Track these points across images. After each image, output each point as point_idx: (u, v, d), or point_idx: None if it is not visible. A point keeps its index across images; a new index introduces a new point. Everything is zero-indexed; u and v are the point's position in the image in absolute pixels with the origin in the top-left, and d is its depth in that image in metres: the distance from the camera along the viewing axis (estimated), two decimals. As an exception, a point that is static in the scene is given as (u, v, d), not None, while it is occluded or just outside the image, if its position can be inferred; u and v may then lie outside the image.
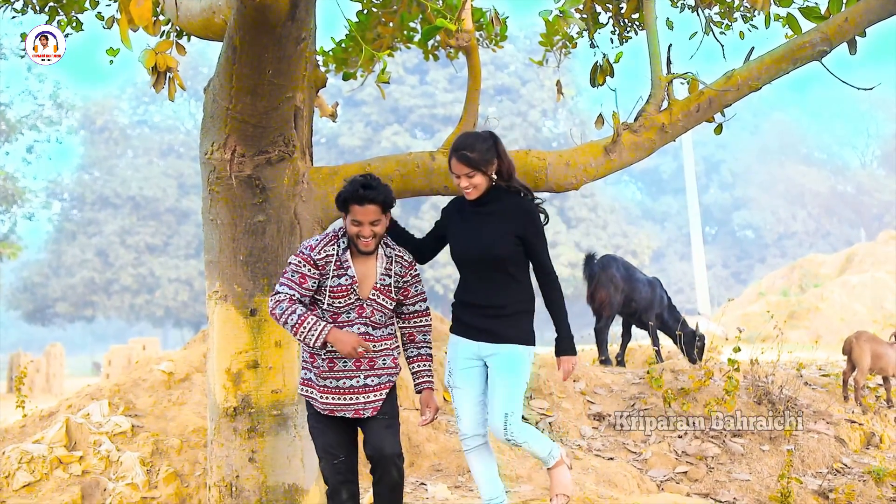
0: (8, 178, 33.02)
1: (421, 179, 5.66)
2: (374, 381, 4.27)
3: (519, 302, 4.36)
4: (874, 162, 66.56)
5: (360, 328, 4.26)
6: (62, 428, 7.04)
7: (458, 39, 6.09)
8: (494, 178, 4.35)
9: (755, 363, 8.59)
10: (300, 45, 4.55)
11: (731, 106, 6.28)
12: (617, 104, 6.28)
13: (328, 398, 4.25)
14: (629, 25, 7.50)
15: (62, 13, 7.03)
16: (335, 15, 5.51)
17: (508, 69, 52.08)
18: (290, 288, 4.23)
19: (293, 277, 4.25)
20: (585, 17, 7.28)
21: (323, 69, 6.79)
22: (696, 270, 40.80)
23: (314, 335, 4.14)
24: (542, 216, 4.42)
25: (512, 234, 4.31)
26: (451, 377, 4.51)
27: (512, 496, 6.15)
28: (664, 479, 7.22)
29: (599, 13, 7.43)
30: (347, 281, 4.24)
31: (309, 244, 4.31)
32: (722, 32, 7.25)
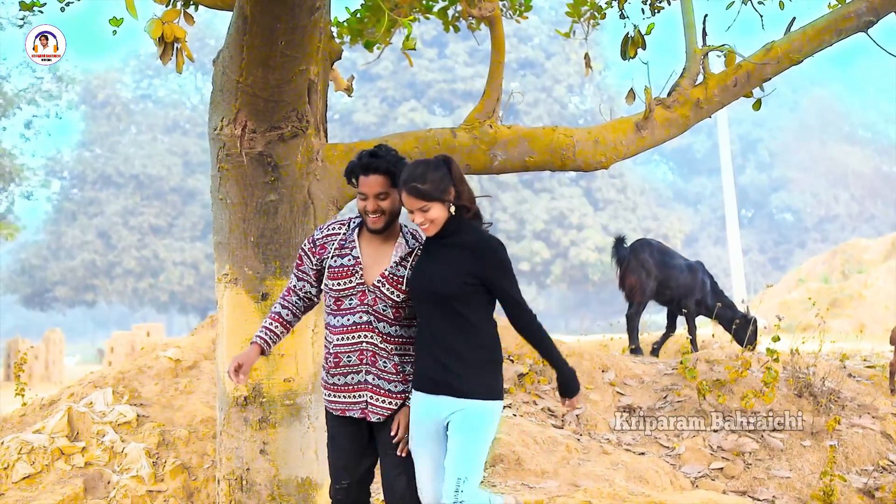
0: (5, 154, 33.21)
1: (441, 158, 5.65)
2: (374, 380, 4.13)
3: (479, 349, 4.04)
4: (922, 141, 66.08)
5: (362, 317, 4.12)
6: (64, 417, 7.04)
7: (480, 9, 6.07)
8: (452, 208, 4.01)
9: (795, 353, 8.54)
10: (314, 14, 4.54)
11: (770, 80, 6.24)
12: (649, 78, 6.25)
13: (337, 396, 4.21)
14: (663, -6, 7.45)
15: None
16: (351, -18, 5.51)
17: (532, 42, 51.97)
18: (293, 276, 4.30)
19: (297, 262, 4.28)
20: (616, -16, 7.23)
21: (338, 41, 6.77)
22: (731, 256, 40.59)
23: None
24: (501, 249, 4.06)
25: (467, 272, 3.97)
26: (410, 439, 4.16)
27: (537, 492, 6.15)
28: (698, 475, 7.21)
29: (631, -20, 7.38)
30: (350, 262, 4.13)
31: (321, 225, 4.32)
32: (761, 2, 7.17)
